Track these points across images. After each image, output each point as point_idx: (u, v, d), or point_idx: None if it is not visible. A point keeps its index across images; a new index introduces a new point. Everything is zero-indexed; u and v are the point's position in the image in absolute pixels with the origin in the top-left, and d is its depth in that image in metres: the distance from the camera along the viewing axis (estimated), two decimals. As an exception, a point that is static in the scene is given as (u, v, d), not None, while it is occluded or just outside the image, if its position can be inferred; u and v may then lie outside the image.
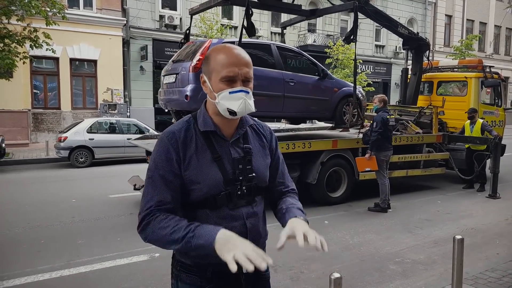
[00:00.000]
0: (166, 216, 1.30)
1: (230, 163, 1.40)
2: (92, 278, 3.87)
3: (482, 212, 6.47)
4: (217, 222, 1.35)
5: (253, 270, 1.14)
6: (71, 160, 10.73)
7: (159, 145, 1.38)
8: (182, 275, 1.42)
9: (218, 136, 1.41)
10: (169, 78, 6.13)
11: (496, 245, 4.94)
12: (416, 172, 8.01)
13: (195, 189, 1.35)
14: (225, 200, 1.37)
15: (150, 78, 16.65)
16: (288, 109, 6.49)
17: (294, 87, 6.43)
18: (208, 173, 1.36)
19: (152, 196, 1.33)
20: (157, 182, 1.34)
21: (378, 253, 4.61)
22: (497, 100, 9.61)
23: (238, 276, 1.39)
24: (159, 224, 1.28)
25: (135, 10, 16.18)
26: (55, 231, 5.32)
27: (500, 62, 29.60)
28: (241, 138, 1.46)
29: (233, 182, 1.38)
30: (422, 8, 25.29)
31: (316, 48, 19.70)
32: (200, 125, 1.41)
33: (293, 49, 7.24)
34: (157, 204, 1.32)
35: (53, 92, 15.20)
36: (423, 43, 9.18)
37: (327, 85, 6.93)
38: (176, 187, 1.35)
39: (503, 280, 3.68)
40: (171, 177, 1.34)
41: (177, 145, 1.36)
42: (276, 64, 6.40)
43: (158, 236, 1.28)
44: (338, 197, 6.96)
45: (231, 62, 1.34)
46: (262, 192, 1.51)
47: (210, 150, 1.39)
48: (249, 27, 5.55)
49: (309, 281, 3.85)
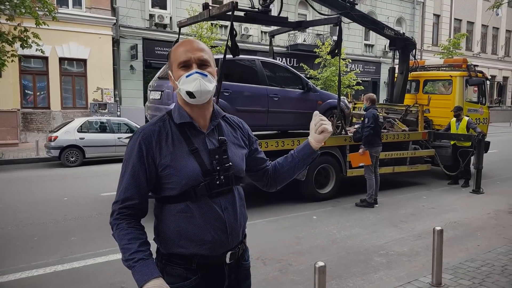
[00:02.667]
0: (127, 225, 1.38)
1: (207, 154, 1.46)
2: (85, 273, 3.96)
3: (465, 207, 6.68)
4: (198, 214, 1.42)
5: None
6: (62, 160, 10.72)
7: (133, 141, 1.44)
8: (168, 268, 1.46)
9: (193, 128, 1.48)
10: (155, 94, 6.26)
11: (477, 237, 5.13)
12: (402, 168, 8.21)
13: (173, 182, 1.41)
14: (204, 191, 1.42)
15: (141, 77, 16.64)
16: (272, 122, 6.66)
17: (278, 102, 6.60)
18: (185, 165, 1.41)
19: (121, 190, 1.42)
20: (127, 176, 1.41)
21: (364, 246, 4.77)
22: (481, 98, 9.87)
23: (222, 267, 1.50)
24: (119, 232, 1.37)
25: (124, 9, 16.16)
26: (48, 229, 5.38)
27: (487, 61, 30.11)
28: (216, 130, 1.53)
29: (211, 172, 1.44)
30: (411, 7, 25.64)
31: (306, 48, 19.87)
32: (175, 118, 1.47)
33: (278, 63, 7.47)
34: (123, 201, 1.40)
35: (42, 92, 15.13)
36: (409, 42, 9.38)
37: (311, 98, 7.10)
38: (145, 183, 1.42)
39: (481, 269, 3.85)
40: (141, 173, 1.41)
41: (151, 142, 1.41)
42: (260, 80, 6.56)
43: (117, 241, 1.38)
44: (326, 193, 7.12)
45: (185, 50, 1.44)
46: (239, 182, 1.56)
47: (186, 142, 1.44)
48: (233, 48, 5.63)
49: (298, 272, 3.99)
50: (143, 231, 1.42)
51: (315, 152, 1.65)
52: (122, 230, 1.38)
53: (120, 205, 1.41)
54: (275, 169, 1.71)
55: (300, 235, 5.17)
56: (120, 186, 1.44)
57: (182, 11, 16.82)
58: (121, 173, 1.45)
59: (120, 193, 1.42)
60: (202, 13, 6.56)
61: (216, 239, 1.44)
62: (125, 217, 1.40)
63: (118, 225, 1.39)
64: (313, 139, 1.62)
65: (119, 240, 1.38)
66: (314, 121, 1.60)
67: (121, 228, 1.39)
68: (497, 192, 7.74)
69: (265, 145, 6.20)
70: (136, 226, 1.41)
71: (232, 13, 5.89)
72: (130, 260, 1.33)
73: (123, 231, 1.38)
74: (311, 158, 1.66)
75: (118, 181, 1.46)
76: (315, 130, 1.59)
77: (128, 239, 1.36)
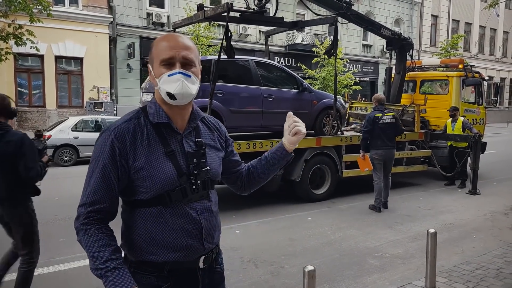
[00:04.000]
0: (96, 232, 1.29)
1: (183, 156, 1.38)
2: (72, 276, 3.88)
3: (461, 208, 6.62)
4: (171, 219, 1.34)
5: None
6: (55, 159, 10.63)
7: (104, 139, 1.33)
8: (137, 276, 1.34)
9: (170, 129, 1.38)
10: (147, 96, 6.17)
11: (472, 239, 5.06)
12: (398, 169, 8.14)
13: (147, 185, 1.32)
14: (180, 196, 1.34)
15: (138, 76, 16.56)
16: (267, 123, 6.55)
17: (272, 102, 6.51)
18: (161, 168, 1.32)
19: (89, 192, 1.32)
20: (96, 177, 1.31)
21: (358, 248, 4.70)
22: (478, 98, 9.82)
23: (194, 271, 1.42)
24: (87, 238, 1.28)
25: (121, 8, 16.07)
26: (37, 229, 5.29)
27: (485, 62, 30.15)
28: (193, 132, 1.45)
29: (187, 176, 1.36)
30: (409, 8, 25.61)
31: (304, 47, 19.82)
32: (151, 117, 1.37)
33: (272, 63, 7.36)
34: (91, 204, 1.30)
35: (38, 90, 15.02)
36: (406, 42, 9.32)
37: (306, 98, 7.01)
38: (115, 186, 1.32)
39: (476, 272, 3.79)
40: (112, 174, 1.31)
41: (125, 142, 1.31)
42: (254, 80, 6.47)
43: (85, 248, 1.29)
44: (321, 194, 7.05)
45: (169, 46, 1.34)
46: (214, 187, 1.49)
47: (162, 144, 1.35)
48: (228, 49, 5.56)
49: (290, 275, 3.92)
50: (113, 237, 1.33)
51: (289, 154, 1.58)
52: (91, 236, 1.29)
53: (87, 209, 1.31)
54: (249, 172, 1.64)
55: (294, 236, 5.09)
56: (86, 187, 1.34)
57: (179, 9, 16.75)
58: (88, 173, 1.35)
59: (87, 195, 1.32)
60: (197, 14, 6.48)
61: (190, 245, 1.36)
62: (93, 222, 1.31)
63: (86, 230, 1.30)
64: (286, 141, 1.55)
65: (88, 248, 1.28)
66: (287, 123, 1.53)
67: (90, 234, 1.29)
68: (493, 193, 7.68)
69: (260, 145, 6.13)
70: (106, 231, 1.32)
71: (227, 14, 5.82)
72: (101, 269, 1.25)
73: (92, 237, 1.29)
74: (285, 160, 1.59)
75: (84, 181, 1.36)
76: (289, 132, 1.52)
77: (98, 246, 1.27)
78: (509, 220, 5.94)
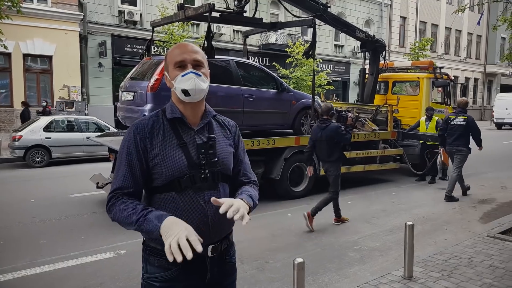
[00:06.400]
0: (127, 200, 1.45)
1: (195, 148, 1.53)
2: (57, 277, 3.83)
3: (432, 202, 6.95)
4: (182, 205, 1.48)
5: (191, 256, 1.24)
6: (27, 160, 10.30)
7: (128, 134, 1.53)
8: (151, 258, 1.52)
9: (184, 124, 1.56)
10: (127, 95, 6.12)
11: (444, 231, 5.36)
12: (372, 167, 8.44)
13: (160, 172, 1.48)
14: (189, 182, 1.49)
15: (110, 75, 16.21)
16: (247, 122, 6.65)
17: (253, 102, 6.61)
18: (173, 157, 1.49)
19: (117, 180, 1.49)
20: (123, 167, 1.49)
21: (338, 242, 4.88)
22: (447, 99, 10.29)
23: (203, 259, 1.53)
24: (119, 206, 1.43)
25: (92, 5, 15.68)
26: (14, 232, 5.17)
27: (450, 62, 31.36)
28: (206, 128, 1.60)
29: (196, 166, 1.50)
30: (379, 9, 26.32)
31: (278, 47, 19.99)
32: (168, 114, 1.57)
33: (252, 64, 7.49)
34: (120, 188, 1.47)
35: (5, 90, 14.46)
36: (379, 45, 9.64)
37: (286, 98, 7.16)
38: (139, 171, 1.49)
39: (449, 262, 4.02)
40: (135, 163, 1.48)
41: (144, 134, 1.50)
42: (234, 80, 6.54)
43: (119, 218, 1.43)
44: (300, 191, 7.22)
45: (181, 51, 1.55)
46: (227, 180, 1.61)
47: (176, 136, 1.53)
48: (209, 49, 5.61)
49: (274, 270, 4.03)
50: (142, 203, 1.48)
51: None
52: (122, 204, 1.44)
53: (116, 192, 1.46)
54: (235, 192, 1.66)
55: (276, 232, 5.22)
56: (116, 176, 1.50)
57: (152, 7, 16.53)
58: (117, 164, 1.53)
59: (116, 182, 1.49)
60: (178, 13, 6.47)
61: (197, 231, 1.42)
62: (121, 196, 1.46)
63: (117, 202, 1.45)
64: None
65: (121, 212, 1.42)
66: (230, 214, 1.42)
67: (121, 202, 1.45)
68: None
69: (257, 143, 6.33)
70: (135, 201, 1.46)
71: (209, 15, 5.85)
72: (140, 218, 1.38)
73: (123, 204, 1.44)
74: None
75: (114, 172, 1.51)
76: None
77: (132, 206, 1.42)
78: (477, 213, 6.31)
